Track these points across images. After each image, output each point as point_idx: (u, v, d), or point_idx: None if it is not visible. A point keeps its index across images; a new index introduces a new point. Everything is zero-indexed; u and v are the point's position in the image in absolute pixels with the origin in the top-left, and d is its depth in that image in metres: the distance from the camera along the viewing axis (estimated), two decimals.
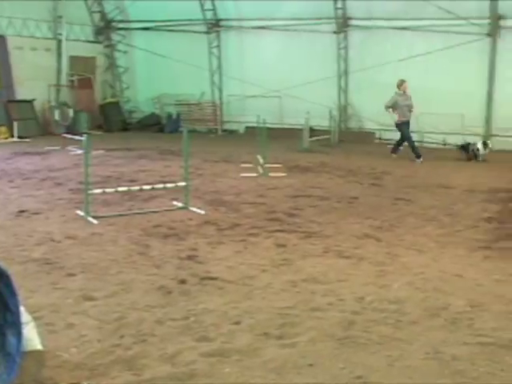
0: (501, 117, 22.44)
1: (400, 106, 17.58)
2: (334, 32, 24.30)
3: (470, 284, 6.47)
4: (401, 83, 17.86)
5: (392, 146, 18.83)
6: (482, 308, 5.70)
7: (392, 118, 18.27)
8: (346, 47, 24.66)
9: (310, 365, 4.42)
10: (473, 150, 18.35)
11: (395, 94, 17.86)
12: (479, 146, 18.35)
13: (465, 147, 18.66)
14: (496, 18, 21.89)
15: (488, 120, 22.75)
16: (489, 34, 22.12)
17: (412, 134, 18.48)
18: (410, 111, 17.96)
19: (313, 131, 21.76)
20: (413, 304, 5.74)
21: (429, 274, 6.73)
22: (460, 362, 4.52)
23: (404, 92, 17.76)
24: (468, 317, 5.46)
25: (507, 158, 19.76)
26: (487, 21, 22.02)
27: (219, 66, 26.60)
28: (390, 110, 17.92)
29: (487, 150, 18.46)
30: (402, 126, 17.96)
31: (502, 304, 5.83)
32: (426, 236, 8.63)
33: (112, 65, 27.18)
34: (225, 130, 26.74)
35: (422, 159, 17.32)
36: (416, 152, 17.63)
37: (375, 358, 4.55)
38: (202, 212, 9.66)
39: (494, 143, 22.75)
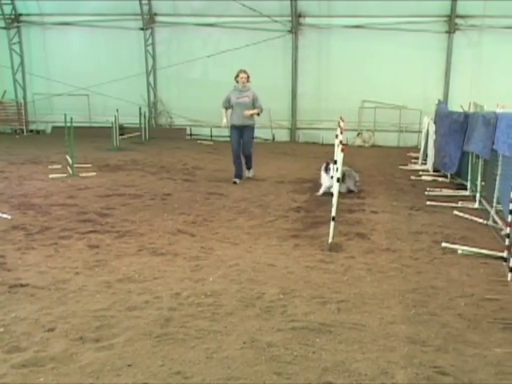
0: (303, 110, 23.56)
1: (233, 104, 13.19)
2: (141, 28, 24.20)
3: (282, 272, 6.68)
4: (236, 74, 13.20)
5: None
6: (293, 294, 5.91)
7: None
8: (153, 43, 24.65)
9: (129, 365, 4.36)
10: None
11: (232, 88, 13.41)
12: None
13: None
14: (296, 16, 22.91)
15: (293, 113, 23.76)
16: (290, 31, 23.08)
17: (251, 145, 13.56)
18: (258, 113, 13.33)
19: (123, 129, 21.60)
20: (228, 296, 5.84)
21: (243, 266, 6.87)
22: (275, 348, 4.66)
23: (244, 85, 13.10)
24: (281, 304, 5.64)
25: (311, 149, 20.80)
26: (288, 18, 22.99)
27: (22, 64, 25.54)
28: (223, 111, 13.34)
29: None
30: (231, 132, 13.50)
31: (311, 289, 6.08)
32: (239, 228, 8.82)
33: None
34: (31, 131, 25.84)
35: (237, 181, 13.07)
36: (237, 171, 13.27)
37: (193, 352, 4.57)
38: (9, 217, 9.18)
39: (300, 136, 23.89)
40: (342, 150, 8.15)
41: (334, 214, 7.90)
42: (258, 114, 13.33)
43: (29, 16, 25.16)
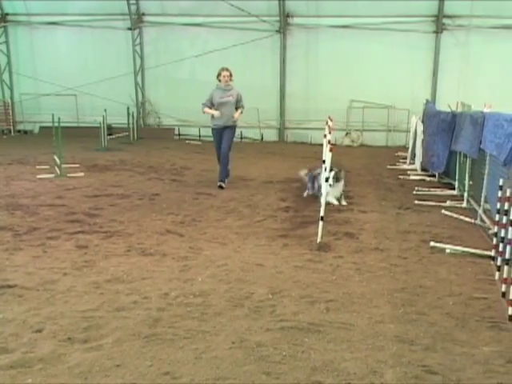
0: (292, 110, 23.59)
1: (215, 103, 12.49)
2: (129, 28, 24.14)
3: (271, 272, 6.68)
4: (218, 72, 12.57)
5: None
6: (282, 294, 5.91)
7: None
8: (141, 43, 24.60)
9: (118, 365, 4.35)
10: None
11: (214, 87, 12.68)
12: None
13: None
14: (284, 16, 22.93)
15: (282, 113, 23.78)
16: (278, 31, 23.09)
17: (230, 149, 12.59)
18: (239, 113, 12.58)
19: (111, 129, 21.54)
20: (217, 296, 5.83)
21: (231, 266, 6.87)
22: (264, 348, 4.66)
23: (227, 84, 12.45)
24: (270, 304, 5.64)
25: (299, 149, 20.81)
26: (276, 18, 23.00)
27: (8, 64, 25.42)
28: (207, 109, 12.53)
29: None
30: (212, 134, 12.82)
31: (300, 289, 6.09)
32: (228, 228, 8.82)
33: None
34: (19, 131, 25.70)
35: (222, 184, 12.38)
36: (221, 175, 12.49)
37: (182, 352, 4.57)
38: None
39: (289, 136, 23.91)
40: (331, 150, 8.15)
41: (322, 213, 7.91)
42: (241, 112, 12.72)
43: (15, 15, 25.03)
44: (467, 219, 9.59)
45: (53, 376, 4.20)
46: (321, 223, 7.83)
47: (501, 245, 6.42)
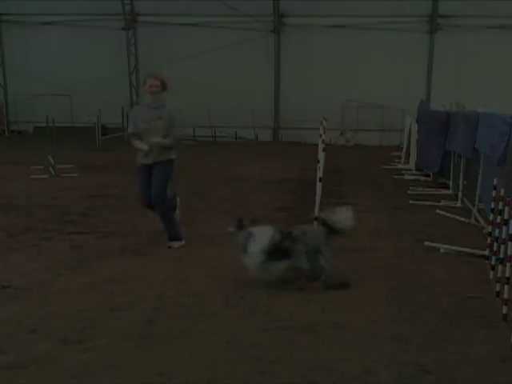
0: (287, 110, 23.60)
1: (139, 129, 7.64)
2: (123, 28, 24.12)
3: None
4: (143, 80, 7.89)
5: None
6: (277, 294, 5.91)
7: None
8: (135, 43, 24.57)
9: (112, 366, 4.34)
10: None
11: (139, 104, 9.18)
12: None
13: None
14: (279, 16, 22.95)
15: (276, 113, 23.79)
16: (273, 31, 23.10)
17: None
18: (171, 145, 7.63)
19: (106, 129, 21.49)
20: (212, 296, 5.82)
21: (226, 265, 6.85)
22: (259, 348, 4.65)
23: (155, 99, 7.75)
24: (265, 304, 5.63)
25: (294, 148, 20.79)
26: (271, 18, 23.02)
27: (2, 64, 25.39)
28: (136, 142, 7.62)
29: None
30: (136, 175, 8.02)
31: (295, 289, 6.08)
32: (222, 228, 8.77)
33: None
34: (13, 131, 25.61)
35: (173, 244, 7.67)
36: (168, 231, 7.77)
37: (177, 352, 4.56)
38: None
39: (283, 136, 23.89)
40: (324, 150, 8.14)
41: (316, 213, 7.90)
42: (171, 147, 7.70)
43: (9, 15, 24.98)
44: (461, 219, 9.60)
45: (47, 377, 4.19)
46: (315, 223, 7.82)
47: (495, 244, 6.42)
